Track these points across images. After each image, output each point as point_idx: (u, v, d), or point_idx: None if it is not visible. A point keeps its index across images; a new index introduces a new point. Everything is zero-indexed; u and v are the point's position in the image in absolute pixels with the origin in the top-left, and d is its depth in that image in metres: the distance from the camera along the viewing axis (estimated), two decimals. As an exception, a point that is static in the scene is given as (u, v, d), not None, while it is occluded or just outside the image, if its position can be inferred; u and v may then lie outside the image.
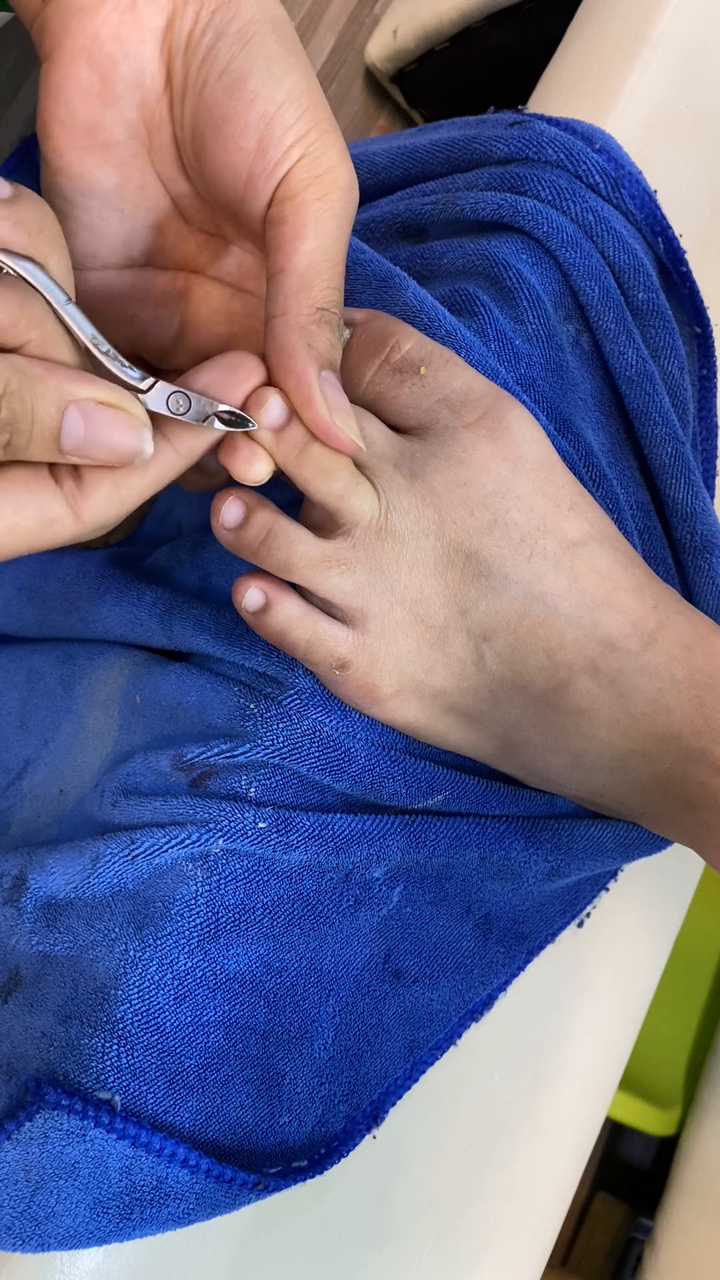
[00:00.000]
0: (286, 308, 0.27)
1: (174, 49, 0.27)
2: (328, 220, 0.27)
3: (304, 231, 0.26)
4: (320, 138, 0.27)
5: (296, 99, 0.26)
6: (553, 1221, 0.40)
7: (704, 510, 0.36)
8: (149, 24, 0.27)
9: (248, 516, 0.29)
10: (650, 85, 0.43)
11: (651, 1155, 0.96)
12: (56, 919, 0.32)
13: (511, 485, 0.30)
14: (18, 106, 0.84)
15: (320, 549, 0.29)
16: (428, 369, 0.30)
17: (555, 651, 0.30)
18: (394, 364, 0.30)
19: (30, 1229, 0.29)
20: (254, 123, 0.26)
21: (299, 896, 0.32)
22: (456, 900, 0.35)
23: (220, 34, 0.26)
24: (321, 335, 0.27)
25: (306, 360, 0.26)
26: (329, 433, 0.27)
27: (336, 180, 0.27)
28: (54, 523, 0.25)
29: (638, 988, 0.42)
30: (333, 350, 0.27)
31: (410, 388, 0.30)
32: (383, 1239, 0.37)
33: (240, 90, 0.26)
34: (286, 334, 0.27)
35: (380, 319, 0.30)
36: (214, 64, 0.26)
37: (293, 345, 0.27)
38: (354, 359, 0.30)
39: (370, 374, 0.30)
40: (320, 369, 0.27)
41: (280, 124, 0.26)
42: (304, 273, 0.26)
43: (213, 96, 0.26)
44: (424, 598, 0.30)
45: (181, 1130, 0.30)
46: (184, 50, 0.27)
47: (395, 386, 0.30)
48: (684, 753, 0.30)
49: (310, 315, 0.27)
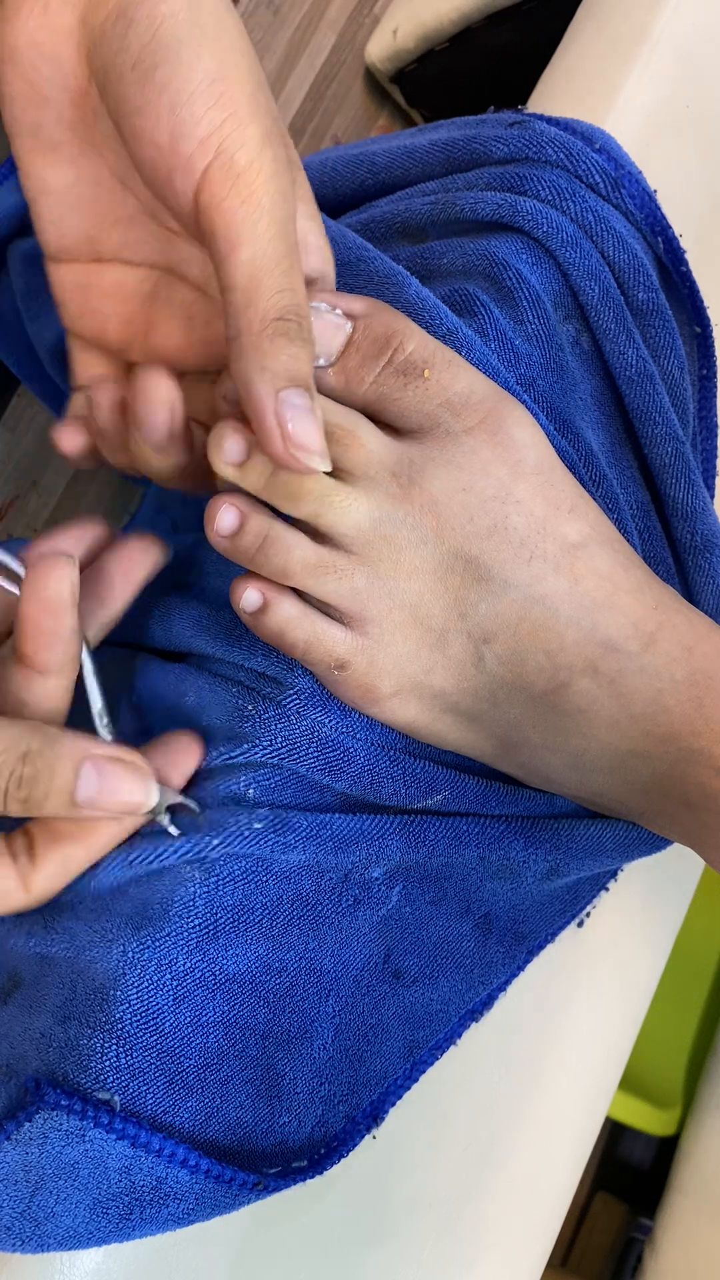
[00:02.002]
0: (238, 328, 0.26)
1: (91, 43, 0.26)
2: (258, 223, 0.25)
3: (236, 241, 0.25)
4: (236, 129, 0.25)
5: (207, 86, 0.25)
6: (553, 1221, 0.40)
7: (704, 510, 0.36)
8: (61, 23, 0.26)
9: (243, 523, 0.29)
10: (650, 85, 0.43)
11: (651, 1155, 0.96)
12: (54, 920, 0.32)
13: (511, 489, 0.30)
14: (18, 106, 0.83)
15: (317, 554, 0.29)
16: (431, 370, 0.29)
17: (555, 653, 0.30)
18: (398, 366, 0.29)
19: (30, 1229, 0.29)
20: (164, 115, 0.25)
21: (298, 897, 0.32)
22: (456, 900, 0.35)
23: (131, 21, 0.25)
24: (278, 352, 0.26)
25: (262, 387, 0.26)
26: (287, 464, 0.27)
27: (258, 174, 0.25)
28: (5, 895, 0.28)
29: (638, 988, 0.42)
30: (294, 363, 0.26)
31: (414, 391, 0.29)
32: (383, 1239, 0.37)
33: (150, 80, 0.25)
34: (240, 360, 0.26)
35: (382, 314, 0.29)
36: (126, 55, 0.25)
37: (247, 371, 0.26)
38: (356, 358, 0.29)
39: (374, 375, 0.29)
40: (280, 390, 0.26)
41: (189, 117, 0.25)
42: (247, 287, 0.25)
43: (126, 89, 0.25)
44: (423, 601, 0.30)
45: (181, 1130, 0.30)
46: (100, 43, 0.25)
47: (399, 389, 0.29)
48: (684, 753, 0.30)
49: (263, 331, 0.25)
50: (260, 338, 0.25)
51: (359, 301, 0.29)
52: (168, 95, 0.25)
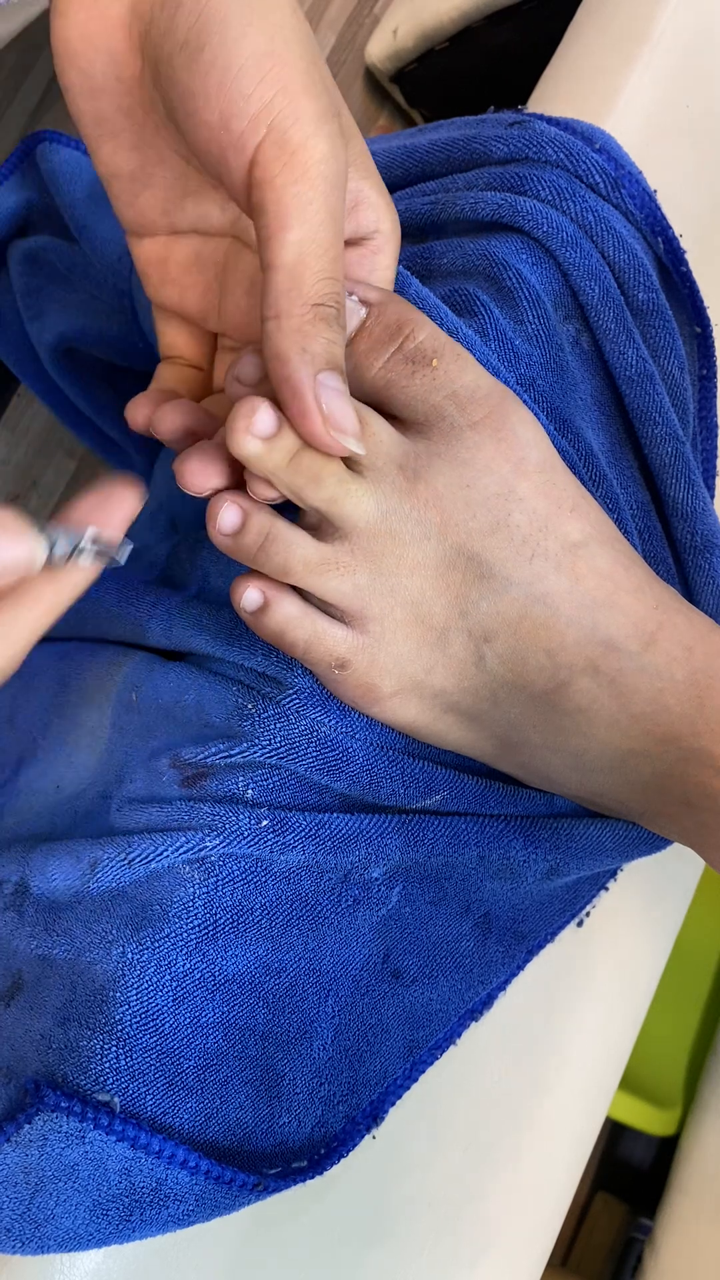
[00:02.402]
0: (279, 309, 0.25)
1: (142, 31, 0.26)
2: (311, 204, 0.25)
3: (287, 221, 0.25)
4: (288, 104, 0.24)
5: (256, 62, 0.24)
6: (553, 1221, 0.40)
7: (704, 510, 0.36)
8: (111, 13, 0.26)
9: (244, 521, 0.29)
10: (650, 85, 0.43)
11: (651, 1155, 0.96)
12: (54, 921, 0.32)
13: (514, 487, 0.30)
14: (18, 106, 0.84)
15: (319, 552, 0.29)
16: (439, 361, 0.29)
17: (556, 652, 0.30)
18: (407, 353, 0.29)
19: (30, 1231, 0.29)
20: (213, 94, 0.24)
21: (297, 897, 0.32)
22: (455, 900, 0.35)
23: (179, 4, 0.25)
24: (318, 335, 0.26)
25: (302, 368, 0.26)
26: (326, 445, 0.27)
27: (312, 155, 0.25)
28: None
29: (638, 988, 0.42)
30: (331, 347, 0.26)
31: (421, 379, 0.29)
32: (383, 1239, 0.37)
33: (197, 61, 0.25)
34: (280, 339, 0.26)
35: (396, 303, 0.30)
36: (174, 37, 0.25)
37: (287, 351, 0.26)
38: (367, 343, 0.29)
39: (383, 361, 0.29)
40: (318, 372, 0.26)
41: (238, 93, 0.24)
42: (293, 268, 0.25)
43: (176, 72, 0.25)
44: (424, 599, 0.30)
45: (181, 1132, 0.30)
46: (150, 29, 0.26)
47: (407, 376, 0.29)
48: (684, 753, 0.30)
49: (305, 315, 0.25)
50: (303, 320, 0.25)
51: (374, 290, 0.30)
52: (215, 73, 0.24)
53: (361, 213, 0.30)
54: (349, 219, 0.29)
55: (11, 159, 0.47)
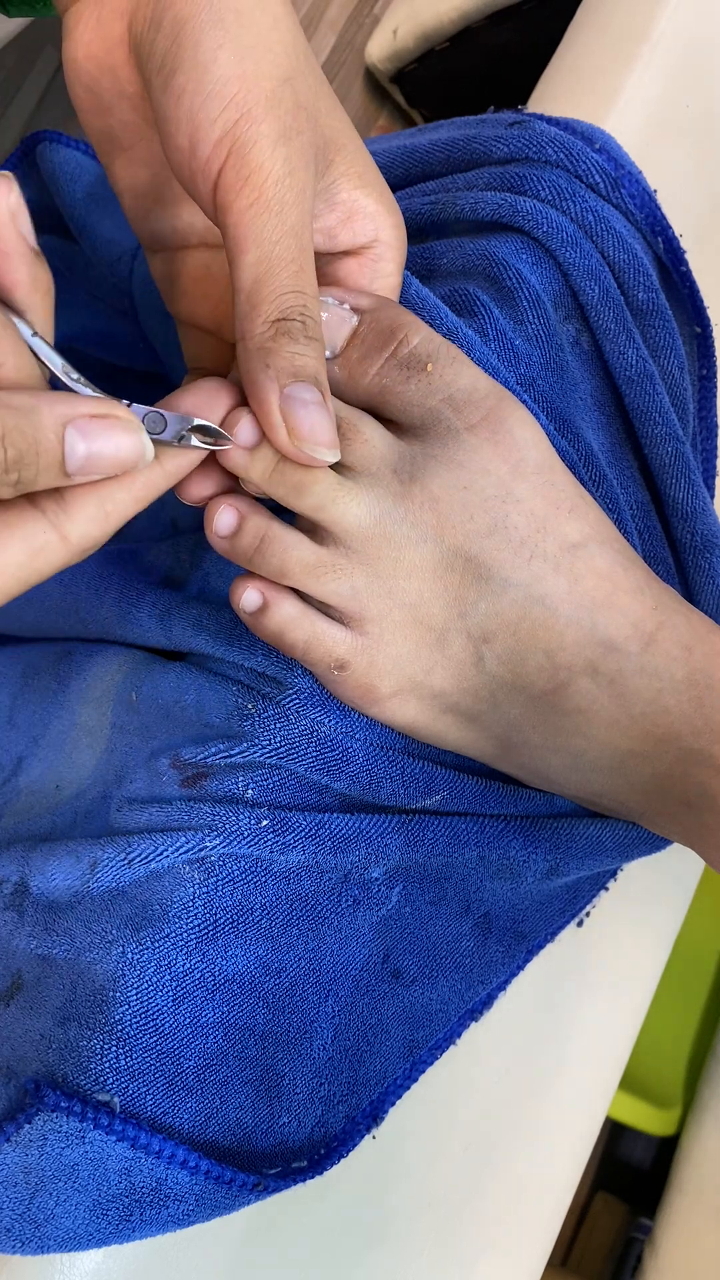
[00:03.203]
0: (243, 330, 0.26)
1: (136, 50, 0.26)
2: (266, 225, 0.25)
3: (244, 244, 0.25)
4: (249, 127, 0.25)
5: (221, 87, 0.24)
6: (553, 1221, 0.40)
7: (704, 510, 0.36)
8: (111, 32, 0.26)
9: (241, 523, 0.29)
10: (650, 85, 0.43)
11: (651, 1155, 0.96)
12: (54, 921, 0.32)
13: (512, 488, 0.30)
14: (18, 106, 0.84)
15: (316, 554, 0.29)
16: (434, 365, 0.29)
17: (555, 653, 0.30)
18: (401, 358, 0.29)
19: (30, 1231, 0.29)
20: (184, 120, 0.25)
21: (297, 897, 0.32)
22: (455, 900, 0.35)
23: (159, 26, 0.25)
24: (280, 350, 0.26)
25: (265, 384, 0.26)
26: (295, 457, 0.27)
27: (268, 176, 0.25)
28: (42, 550, 0.25)
29: (638, 988, 0.42)
30: (297, 359, 0.26)
31: (416, 384, 0.29)
32: (383, 1239, 0.37)
33: (170, 86, 0.25)
34: (245, 359, 0.26)
35: (388, 308, 0.30)
36: (154, 60, 0.25)
37: (251, 370, 0.26)
38: (361, 350, 0.29)
39: (377, 367, 0.29)
40: (284, 387, 0.26)
41: (205, 119, 0.25)
42: (250, 290, 0.25)
43: (155, 95, 0.26)
44: (423, 601, 0.30)
45: (181, 1131, 0.30)
46: (138, 49, 0.26)
47: (401, 382, 0.29)
48: (683, 753, 0.30)
49: (265, 333, 0.26)
50: (263, 339, 0.26)
51: (366, 297, 0.30)
52: (185, 99, 0.25)
53: (358, 223, 0.30)
54: (344, 230, 0.29)
55: (11, 159, 0.47)
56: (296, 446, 0.27)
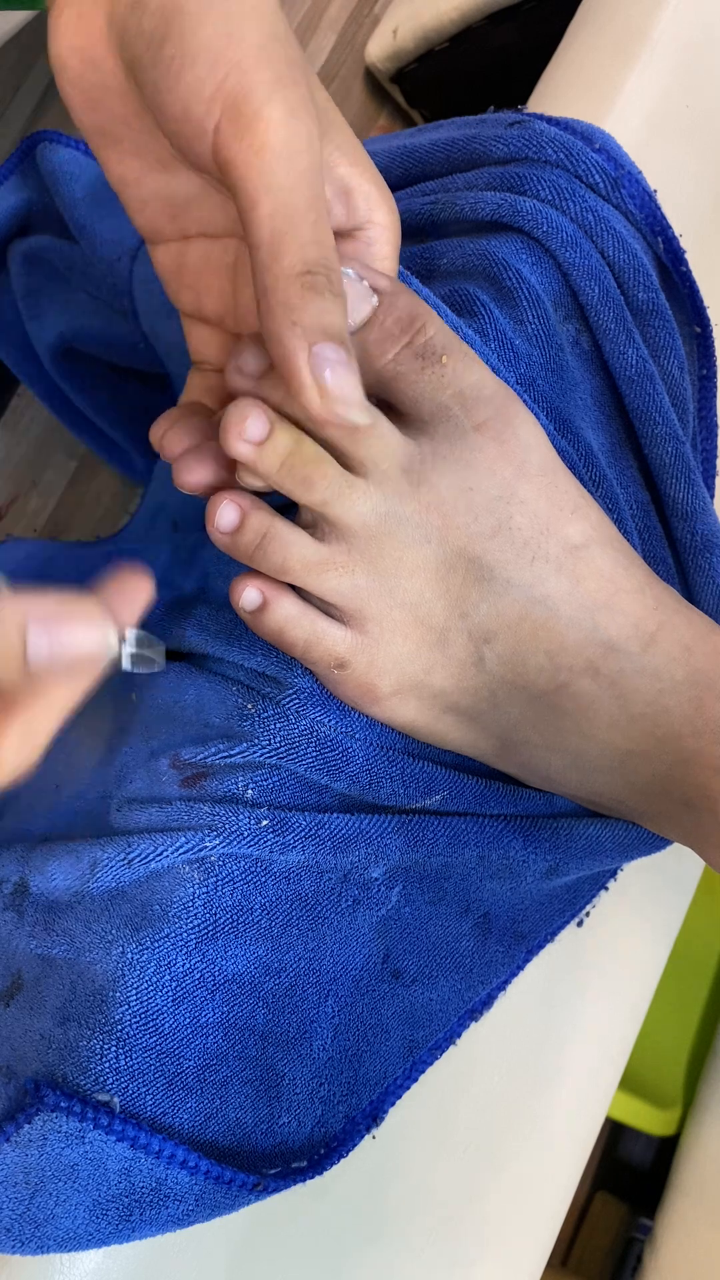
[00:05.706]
0: (265, 285, 0.24)
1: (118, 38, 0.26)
2: (275, 171, 0.24)
3: (256, 196, 0.24)
4: (241, 78, 0.24)
5: (210, 46, 0.24)
6: (553, 1221, 0.40)
7: (704, 510, 0.36)
8: (92, 26, 0.26)
9: (243, 520, 0.29)
10: (650, 85, 0.43)
11: (651, 1155, 0.96)
12: (54, 921, 0.32)
13: (516, 490, 0.30)
14: (18, 106, 0.84)
15: (317, 552, 0.29)
16: (449, 359, 0.29)
17: (556, 653, 0.30)
18: (417, 348, 0.28)
19: (29, 1231, 0.29)
20: (175, 85, 0.24)
21: (297, 897, 0.32)
22: (455, 900, 0.35)
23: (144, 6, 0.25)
24: (309, 306, 0.24)
25: (294, 342, 0.24)
26: (325, 419, 0.26)
27: (269, 120, 0.24)
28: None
29: (638, 988, 0.42)
30: (325, 316, 0.24)
31: (430, 376, 0.29)
32: (383, 1239, 0.37)
33: (160, 56, 0.24)
34: (269, 318, 0.25)
35: (406, 294, 0.29)
36: (142, 38, 0.25)
37: (278, 329, 0.24)
38: (378, 334, 0.28)
39: (393, 354, 0.28)
40: (313, 344, 0.24)
41: (195, 79, 0.24)
42: (270, 242, 0.24)
43: (145, 71, 0.25)
44: (424, 600, 0.30)
45: (180, 1132, 0.30)
46: (122, 34, 0.26)
47: (416, 371, 0.29)
48: (683, 753, 0.30)
49: (291, 287, 0.24)
50: (289, 293, 0.24)
51: (384, 278, 0.29)
52: (175, 65, 0.24)
53: (352, 201, 0.29)
54: (338, 206, 0.29)
55: (11, 159, 0.47)
56: (329, 408, 0.25)
